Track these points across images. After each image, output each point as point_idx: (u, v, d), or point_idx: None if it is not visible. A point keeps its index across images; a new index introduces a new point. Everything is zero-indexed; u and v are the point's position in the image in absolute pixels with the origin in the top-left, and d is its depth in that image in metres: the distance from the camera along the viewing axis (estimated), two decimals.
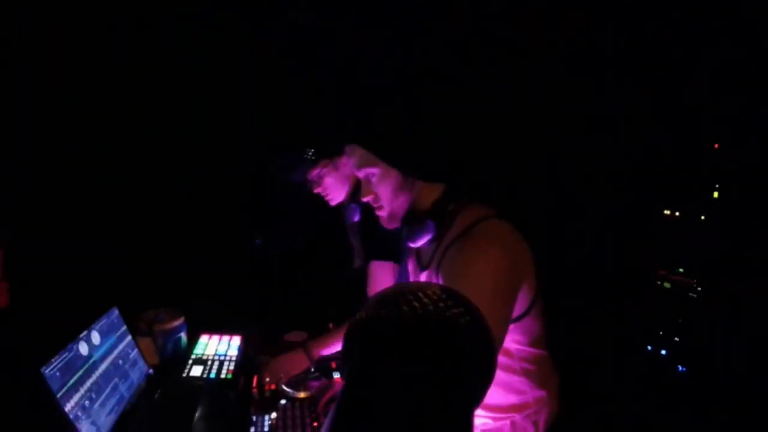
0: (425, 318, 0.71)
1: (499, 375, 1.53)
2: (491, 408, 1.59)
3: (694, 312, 3.56)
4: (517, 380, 1.56)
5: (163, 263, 3.08)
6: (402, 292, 0.76)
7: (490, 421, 1.62)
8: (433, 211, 1.52)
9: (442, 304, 0.73)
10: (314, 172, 2.22)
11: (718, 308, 3.43)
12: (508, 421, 1.60)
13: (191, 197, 3.44)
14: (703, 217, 3.85)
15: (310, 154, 2.18)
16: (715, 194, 3.82)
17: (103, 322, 1.89)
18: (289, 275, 3.21)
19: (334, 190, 2.25)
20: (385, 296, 0.78)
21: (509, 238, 1.42)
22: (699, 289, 3.57)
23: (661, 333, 3.70)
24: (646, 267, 3.91)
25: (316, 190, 2.27)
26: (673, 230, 3.97)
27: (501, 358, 1.49)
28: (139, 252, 3.12)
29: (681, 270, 3.73)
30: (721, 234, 3.68)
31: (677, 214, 3.98)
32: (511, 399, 1.58)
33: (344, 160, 2.20)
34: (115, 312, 2.00)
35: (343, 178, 2.23)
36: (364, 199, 1.59)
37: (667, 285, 3.73)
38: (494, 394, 1.57)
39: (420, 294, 0.75)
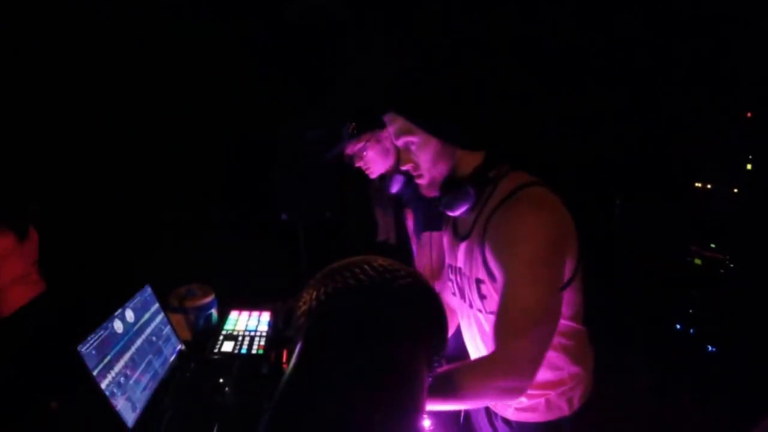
0: (372, 290, 0.72)
1: None
2: None
3: (725, 290, 3.47)
4: (554, 355, 1.52)
5: (193, 240, 3.11)
6: (347, 265, 0.76)
7: (524, 399, 1.59)
8: (473, 178, 1.49)
9: (388, 276, 0.73)
10: (356, 147, 2.16)
11: (751, 286, 3.34)
12: (542, 399, 1.57)
13: (219, 175, 3.46)
14: (735, 190, 3.74)
15: (351, 128, 2.14)
16: (749, 166, 3.71)
17: (137, 299, 1.90)
18: (317, 249, 3.22)
19: (375, 163, 2.19)
20: (330, 271, 0.77)
21: (555, 203, 1.38)
22: (731, 265, 3.46)
23: (690, 311, 3.62)
24: (676, 242, 3.83)
25: (358, 164, 2.21)
26: (704, 203, 3.87)
27: None
28: (169, 230, 3.16)
29: (713, 245, 3.63)
30: (754, 207, 3.58)
31: (709, 186, 3.88)
32: (548, 375, 1.55)
33: (386, 132, 2.15)
34: (148, 290, 2.01)
35: (385, 151, 2.18)
36: (404, 168, 1.55)
37: (698, 261, 3.63)
38: None
39: (366, 266, 0.75)
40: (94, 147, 3.10)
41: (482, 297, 1.47)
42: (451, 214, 1.53)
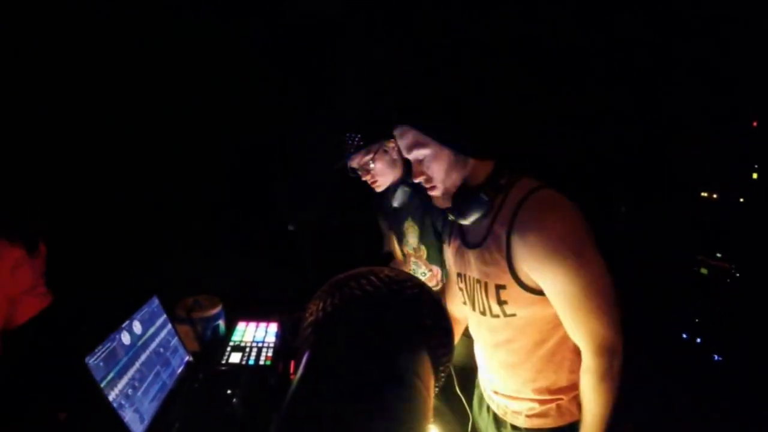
0: (379, 301, 0.72)
1: (553, 355, 1.51)
2: (540, 390, 1.56)
3: (732, 299, 3.44)
4: (569, 359, 1.52)
5: (200, 252, 3.12)
6: (354, 276, 0.76)
7: (536, 405, 1.58)
8: (486, 187, 1.50)
9: (395, 286, 0.73)
10: (364, 159, 2.11)
11: (758, 295, 3.31)
12: (554, 404, 1.55)
13: (226, 186, 3.47)
14: (742, 200, 3.73)
15: (357, 139, 2.08)
16: (755, 175, 3.70)
17: (144, 311, 1.90)
18: (324, 259, 3.22)
19: (383, 175, 2.15)
20: (337, 282, 0.76)
21: (566, 201, 1.40)
22: (737, 275, 3.44)
23: (697, 320, 3.60)
24: (682, 252, 3.81)
25: (364, 177, 2.17)
26: (710, 213, 3.86)
27: (557, 337, 1.48)
28: (176, 241, 3.17)
29: (719, 255, 3.62)
30: (761, 217, 3.57)
31: (715, 196, 3.87)
32: (562, 380, 1.53)
33: (391, 143, 2.13)
34: (156, 301, 2.01)
35: (392, 162, 2.14)
36: (416, 180, 1.56)
37: (704, 271, 3.61)
38: (546, 375, 1.54)
39: (372, 277, 0.75)
40: (101, 158, 3.12)
41: (502, 302, 1.47)
42: (464, 222, 1.54)
